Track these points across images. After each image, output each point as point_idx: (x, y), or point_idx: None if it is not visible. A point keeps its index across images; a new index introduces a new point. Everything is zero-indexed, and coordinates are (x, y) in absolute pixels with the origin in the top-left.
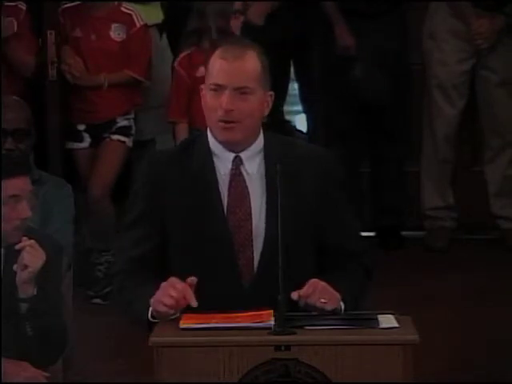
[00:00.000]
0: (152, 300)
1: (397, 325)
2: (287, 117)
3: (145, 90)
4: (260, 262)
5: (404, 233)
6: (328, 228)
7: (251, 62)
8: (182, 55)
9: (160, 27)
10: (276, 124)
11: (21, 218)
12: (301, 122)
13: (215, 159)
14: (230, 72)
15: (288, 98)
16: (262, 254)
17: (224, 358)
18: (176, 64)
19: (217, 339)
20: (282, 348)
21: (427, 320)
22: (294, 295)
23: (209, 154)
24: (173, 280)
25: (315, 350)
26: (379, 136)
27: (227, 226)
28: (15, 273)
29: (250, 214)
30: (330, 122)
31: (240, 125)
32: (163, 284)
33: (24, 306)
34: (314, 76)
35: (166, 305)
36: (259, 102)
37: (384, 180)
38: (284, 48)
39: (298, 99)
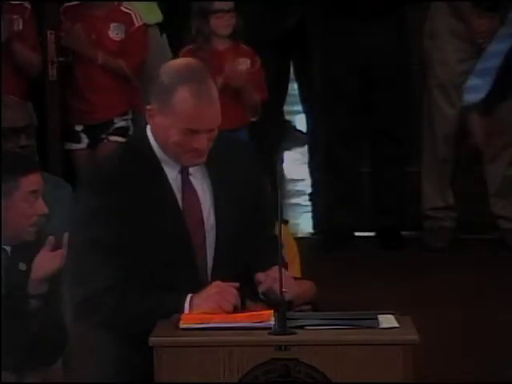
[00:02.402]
0: (196, 306)
1: (397, 325)
2: (287, 117)
3: (145, 89)
4: (214, 257)
5: (404, 233)
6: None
7: (217, 96)
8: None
9: (160, 26)
10: (276, 124)
11: (38, 214)
12: (301, 122)
13: (164, 167)
14: (205, 118)
15: (288, 98)
16: (215, 250)
17: (224, 358)
18: None
19: (217, 339)
20: (282, 348)
21: (427, 320)
22: (261, 277)
23: (157, 161)
24: (224, 287)
25: (315, 349)
26: (379, 136)
27: (185, 229)
28: (22, 271)
29: (202, 215)
30: (330, 121)
31: (207, 150)
32: (213, 292)
33: (34, 303)
34: (313, 76)
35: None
36: None
37: (384, 180)
38: (284, 48)
39: (298, 99)
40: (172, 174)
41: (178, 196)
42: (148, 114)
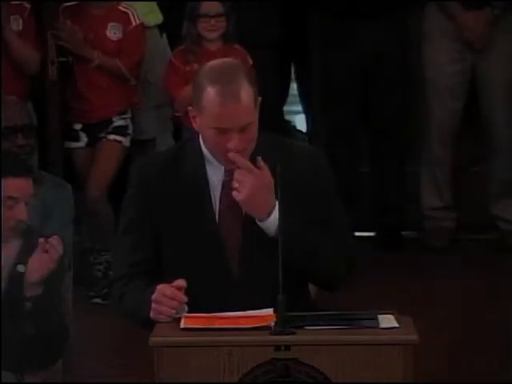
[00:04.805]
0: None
1: (397, 325)
2: (287, 117)
3: (145, 90)
4: (244, 259)
5: (404, 233)
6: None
7: (247, 95)
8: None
9: (160, 27)
10: (276, 124)
11: (16, 219)
12: (301, 122)
13: (208, 166)
14: (232, 116)
15: (288, 98)
16: (244, 250)
17: (224, 358)
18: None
19: (217, 339)
20: (282, 348)
21: (427, 320)
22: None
23: (201, 160)
24: (161, 289)
25: (315, 349)
26: (379, 136)
27: (218, 234)
28: (21, 273)
29: (241, 222)
30: (330, 121)
31: (246, 151)
32: (153, 296)
33: (28, 305)
34: (313, 76)
35: (161, 313)
36: (257, 121)
37: (384, 180)
38: (284, 48)
39: (297, 99)
40: (216, 175)
41: (217, 199)
42: (190, 115)
